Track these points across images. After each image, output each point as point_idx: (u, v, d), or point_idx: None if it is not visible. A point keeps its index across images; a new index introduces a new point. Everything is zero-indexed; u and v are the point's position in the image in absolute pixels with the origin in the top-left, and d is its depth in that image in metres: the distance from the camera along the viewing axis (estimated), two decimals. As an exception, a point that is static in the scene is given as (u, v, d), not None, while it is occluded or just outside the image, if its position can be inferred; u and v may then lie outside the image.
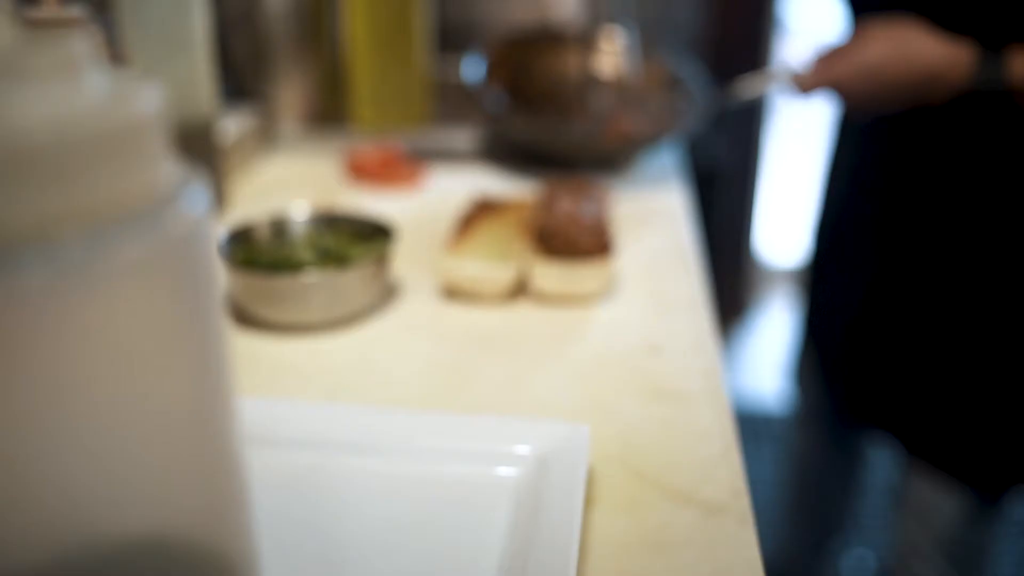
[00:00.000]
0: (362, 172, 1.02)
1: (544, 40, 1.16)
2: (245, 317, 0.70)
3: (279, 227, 0.74)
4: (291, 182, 1.03)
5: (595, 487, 0.50)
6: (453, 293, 0.73)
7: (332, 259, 0.70)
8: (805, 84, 0.94)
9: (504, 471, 0.49)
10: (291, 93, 1.14)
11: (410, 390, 0.60)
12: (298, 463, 0.50)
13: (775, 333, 2.48)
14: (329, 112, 1.15)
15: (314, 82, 1.15)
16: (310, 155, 1.10)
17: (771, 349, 2.39)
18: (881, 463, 1.73)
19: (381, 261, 0.68)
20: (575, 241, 0.71)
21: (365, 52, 1.12)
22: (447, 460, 0.50)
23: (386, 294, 0.74)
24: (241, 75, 1.13)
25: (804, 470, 1.44)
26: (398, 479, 0.49)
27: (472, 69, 1.05)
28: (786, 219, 2.65)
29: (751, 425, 2.01)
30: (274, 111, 1.12)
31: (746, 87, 1.01)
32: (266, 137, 1.11)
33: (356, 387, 0.61)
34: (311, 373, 0.63)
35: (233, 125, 1.02)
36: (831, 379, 1.28)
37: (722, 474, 0.51)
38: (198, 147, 0.90)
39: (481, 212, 0.83)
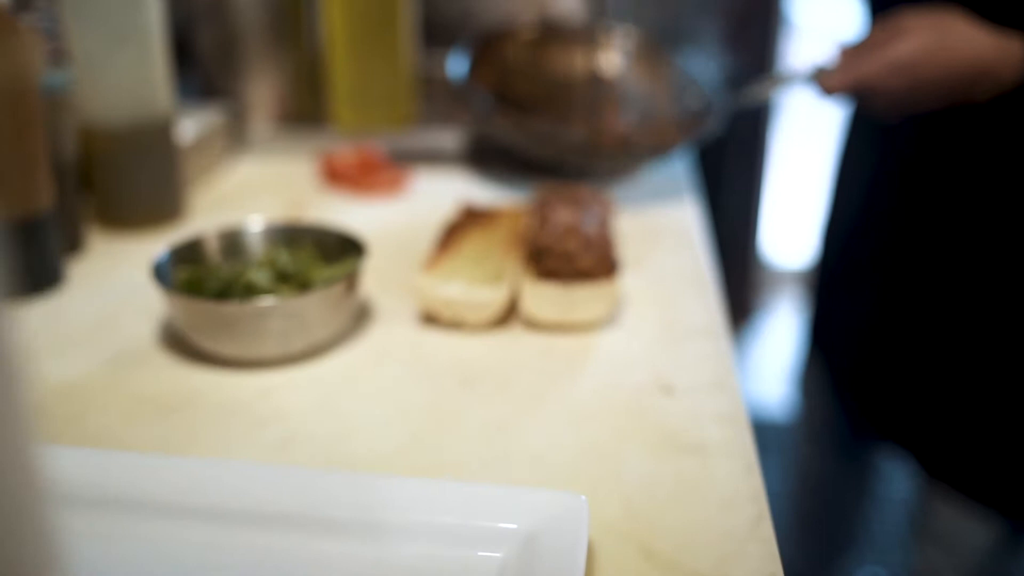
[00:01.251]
0: (338, 177, 0.93)
1: (537, 36, 1.06)
2: (187, 348, 0.60)
3: (232, 243, 0.64)
4: (260, 187, 0.93)
5: (595, 568, 0.40)
6: (432, 319, 0.64)
7: (291, 281, 0.60)
8: (830, 83, 0.85)
9: (486, 553, 0.40)
10: (263, 90, 1.05)
11: (376, 441, 0.51)
12: (215, 541, 0.40)
13: (781, 337, 2.39)
14: (305, 112, 1.05)
15: (288, 79, 1.05)
16: (282, 158, 1.00)
17: (777, 354, 2.31)
18: (895, 476, 1.64)
19: (349, 284, 0.59)
20: (574, 260, 0.61)
21: (344, 47, 1.03)
22: (416, 540, 0.40)
23: (355, 320, 0.64)
24: (207, 71, 1.04)
25: (812, 483, 1.36)
26: (353, 565, 0.39)
27: (456, 65, 0.95)
28: (792, 219, 2.57)
29: (755, 434, 1.91)
30: (244, 110, 1.03)
31: (764, 88, 0.91)
32: (234, 138, 1.01)
33: (313, 437, 0.51)
34: (262, 418, 0.53)
35: (196, 125, 0.92)
36: (841, 390, 1.20)
37: (752, 552, 0.42)
38: (154, 150, 0.81)
39: (466, 223, 0.73)
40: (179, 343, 0.61)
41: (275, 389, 0.56)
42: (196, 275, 0.59)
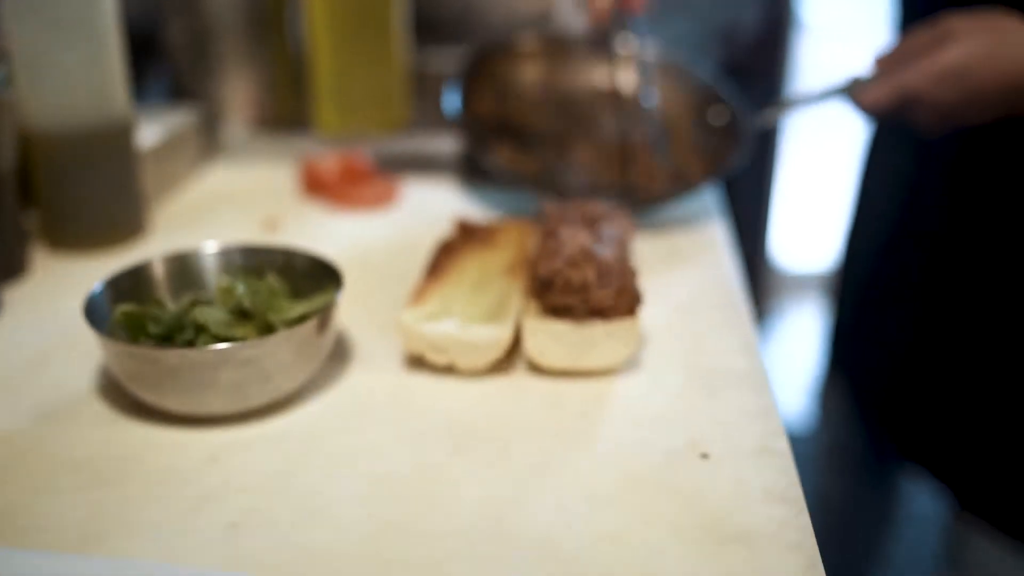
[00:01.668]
0: (320, 187, 0.83)
1: (541, 49, 0.92)
2: (128, 397, 0.50)
3: (183, 270, 0.55)
4: (233, 199, 0.83)
5: None
6: (420, 362, 0.54)
7: (251, 321, 0.50)
8: (869, 97, 0.77)
9: None
10: (238, 91, 0.95)
11: (345, 527, 0.41)
12: None
13: (794, 344, 2.31)
14: (285, 114, 0.96)
15: (267, 78, 0.96)
16: (259, 166, 0.91)
17: (788, 360, 2.23)
18: (921, 502, 1.55)
19: (320, 324, 0.49)
20: (588, 292, 0.51)
21: (329, 42, 0.93)
22: None
23: (328, 364, 0.54)
24: (177, 69, 0.94)
25: (830, 504, 1.28)
26: None
27: (450, 99, 0.82)
28: (804, 221, 2.48)
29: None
30: (217, 112, 0.93)
31: (792, 105, 0.82)
32: (206, 144, 0.91)
33: (267, 520, 0.41)
34: (207, 493, 0.43)
35: (161, 129, 0.82)
36: (866, 411, 1.12)
37: None
38: (109, 157, 0.71)
39: (462, 242, 0.64)
40: (120, 391, 0.51)
41: (226, 452, 0.46)
42: (136, 313, 0.50)
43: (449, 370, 0.53)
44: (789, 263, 2.50)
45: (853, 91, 0.78)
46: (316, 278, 0.54)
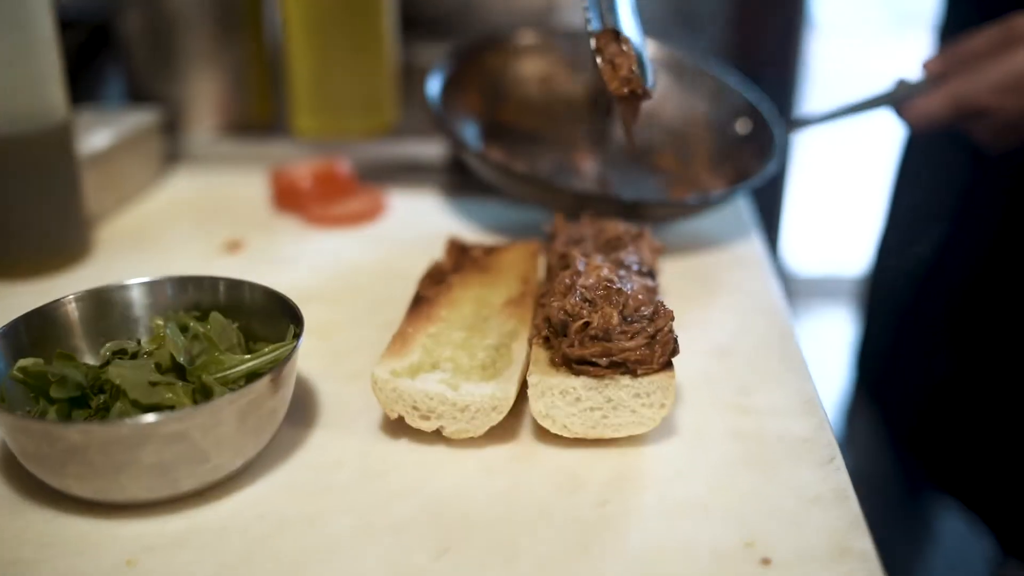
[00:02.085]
0: (293, 199, 0.73)
1: (538, 44, 0.81)
2: (26, 476, 0.40)
3: (104, 312, 0.44)
4: (194, 214, 0.73)
5: None
6: (400, 426, 0.43)
7: (186, 381, 0.40)
8: (921, 108, 0.68)
9: None
10: (205, 92, 0.85)
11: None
12: None
13: (814, 354, 2.21)
14: (257, 118, 0.85)
15: (237, 77, 0.85)
16: (226, 175, 0.80)
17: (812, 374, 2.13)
18: (953, 535, 1.45)
19: (273, 383, 0.38)
20: (612, 339, 0.41)
21: (307, 37, 0.83)
22: None
23: (285, 426, 0.44)
24: (135, 68, 0.84)
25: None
26: None
27: (432, 85, 0.73)
28: (823, 223, 2.39)
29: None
30: (180, 116, 0.83)
31: (829, 117, 0.73)
32: (166, 151, 0.81)
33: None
34: (114, 619, 0.33)
35: (112, 134, 0.72)
36: (897, 440, 1.05)
37: None
38: (43, 167, 0.61)
39: (454, 268, 0.53)
40: (22, 469, 0.41)
41: (147, 553, 0.36)
42: (38, 371, 0.39)
43: (437, 437, 0.43)
44: (806, 265, 2.40)
45: (899, 100, 0.69)
46: (272, 318, 0.44)
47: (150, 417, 0.35)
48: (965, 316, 0.90)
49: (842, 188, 2.33)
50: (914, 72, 0.71)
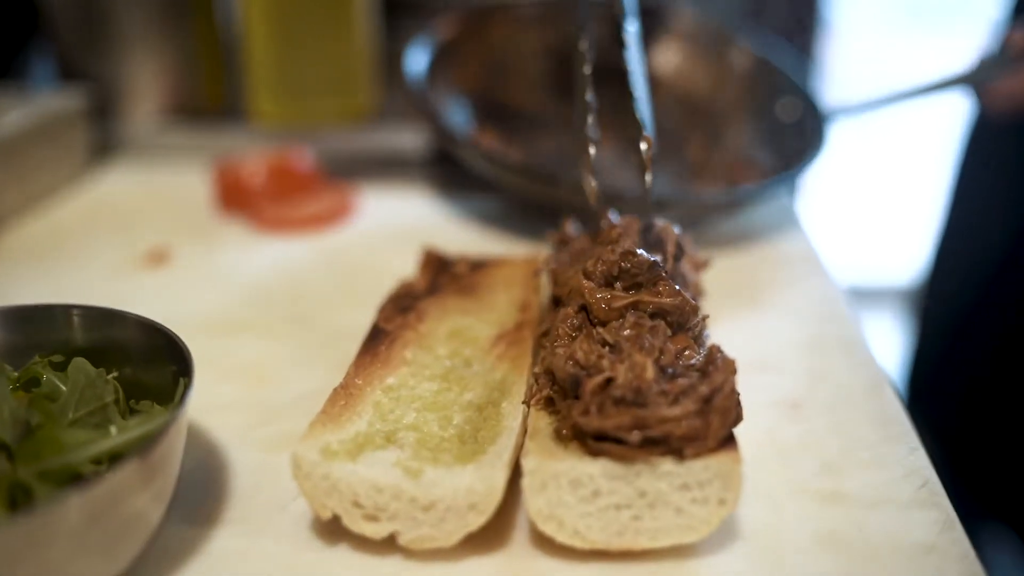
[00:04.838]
0: (240, 199, 0.60)
1: (543, 14, 0.68)
2: None
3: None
4: (120, 214, 0.61)
5: None
6: (338, 529, 0.30)
7: (13, 470, 0.26)
8: (1007, 88, 0.61)
9: None
10: (146, 72, 0.72)
11: None
12: None
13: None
14: (206, 101, 0.72)
15: (184, 55, 0.72)
16: (167, 168, 0.68)
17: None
18: (1001, 560, 1.34)
19: (144, 469, 0.25)
20: (647, 404, 0.27)
21: (267, 13, 0.69)
22: None
23: (175, 524, 0.30)
24: (64, 44, 0.70)
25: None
26: None
27: (415, 61, 0.59)
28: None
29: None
30: (115, 100, 0.70)
31: (886, 100, 0.60)
32: (95, 141, 0.68)
33: None
34: None
35: (22, 118, 0.59)
36: (944, 454, 0.96)
37: None
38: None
39: (428, 288, 0.40)
40: None
41: None
42: None
43: (390, 546, 0.29)
44: (855, 274, 2.25)
45: (980, 80, 0.56)
46: (157, 363, 0.31)
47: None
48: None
49: (876, 189, 2.18)
50: (978, 53, 0.59)
